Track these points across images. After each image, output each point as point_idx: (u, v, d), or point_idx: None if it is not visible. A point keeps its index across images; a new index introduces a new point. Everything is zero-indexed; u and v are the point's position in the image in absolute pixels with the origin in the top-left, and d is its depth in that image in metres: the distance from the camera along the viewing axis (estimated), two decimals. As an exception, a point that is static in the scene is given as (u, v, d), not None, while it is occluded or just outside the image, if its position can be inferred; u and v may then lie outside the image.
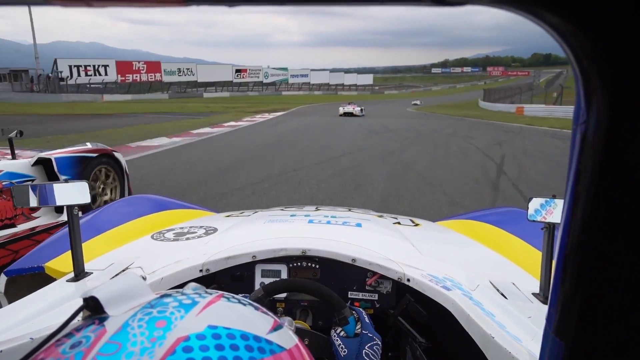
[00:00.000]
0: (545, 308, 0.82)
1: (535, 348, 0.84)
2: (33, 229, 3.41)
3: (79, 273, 1.22)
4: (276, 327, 0.48)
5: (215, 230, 1.57)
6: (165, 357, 0.39)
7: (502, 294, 1.14)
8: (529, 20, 0.26)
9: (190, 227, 1.66)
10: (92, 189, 4.19)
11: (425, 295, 1.06)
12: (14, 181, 3.49)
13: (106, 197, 4.48)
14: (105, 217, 1.89)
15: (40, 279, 1.42)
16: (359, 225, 1.56)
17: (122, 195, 4.64)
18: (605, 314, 0.28)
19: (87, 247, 1.32)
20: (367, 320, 0.97)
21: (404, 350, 1.11)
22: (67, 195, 1.18)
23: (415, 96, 62.04)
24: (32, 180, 3.72)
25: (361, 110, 26.80)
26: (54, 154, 3.82)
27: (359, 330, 0.94)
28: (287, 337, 0.48)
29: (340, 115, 26.36)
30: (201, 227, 1.64)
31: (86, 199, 1.20)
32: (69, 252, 1.21)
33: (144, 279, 0.49)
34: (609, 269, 0.27)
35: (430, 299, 1.04)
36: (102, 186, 4.43)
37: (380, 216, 1.97)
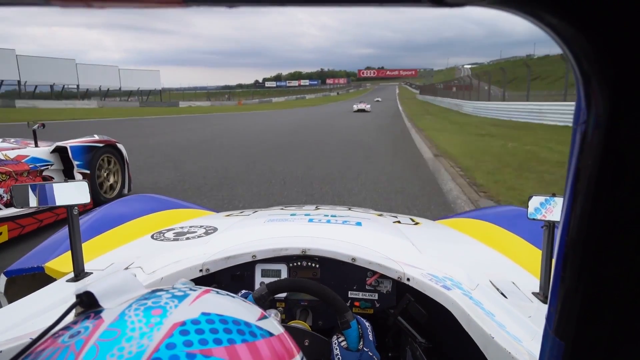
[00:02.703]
0: (545, 307, 0.82)
1: (536, 348, 0.84)
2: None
3: (79, 273, 1.21)
4: (263, 317, 0.51)
5: (215, 229, 1.57)
6: (164, 340, 0.41)
7: (502, 293, 1.14)
8: (528, 21, 0.26)
9: (190, 226, 1.66)
10: (97, 173, 4.85)
11: (425, 294, 1.05)
12: (37, 164, 4.26)
13: (110, 182, 5.10)
14: (105, 217, 1.89)
15: (40, 279, 1.42)
16: (359, 224, 1.56)
17: (123, 180, 5.25)
18: (606, 313, 0.28)
19: (87, 247, 1.32)
20: (371, 338, 0.95)
21: (404, 350, 1.11)
22: (67, 195, 1.18)
23: (252, 108, 40.11)
24: (51, 165, 4.41)
25: (370, 107, 34.59)
26: (69, 143, 4.51)
27: (361, 346, 0.93)
28: (273, 326, 0.51)
29: (354, 111, 30.32)
30: (201, 226, 1.64)
31: (86, 199, 1.20)
32: (69, 252, 1.21)
33: (134, 275, 0.51)
34: (608, 268, 0.27)
35: (431, 298, 1.04)
36: (106, 172, 5.05)
37: (380, 215, 1.97)
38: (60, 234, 1.75)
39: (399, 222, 1.81)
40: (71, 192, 1.18)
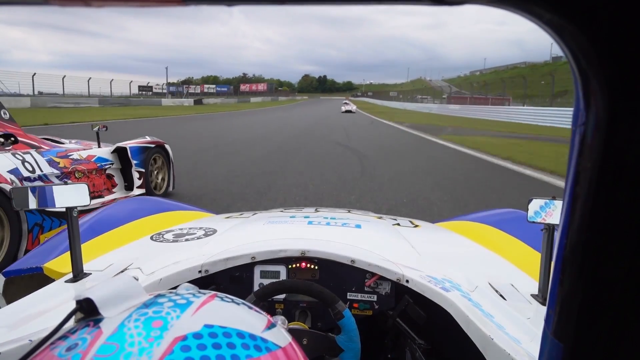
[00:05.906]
0: (544, 309, 0.82)
1: (535, 349, 0.84)
2: (113, 199, 4.37)
3: (78, 274, 1.21)
4: (270, 326, 0.49)
5: (214, 231, 1.57)
6: (164, 357, 0.39)
7: (501, 295, 1.14)
8: (527, 19, 0.26)
9: (190, 228, 1.66)
10: (149, 172, 5.23)
11: (424, 296, 1.05)
12: (102, 163, 4.61)
13: (158, 179, 5.51)
14: (105, 218, 1.89)
15: (38, 279, 1.42)
16: (358, 226, 1.56)
17: (169, 178, 5.64)
18: (604, 316, 0.28)
19: (86, 248, 1.32)
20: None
21: (403, 351, 1.11)
22: (66, 197, 1.18)
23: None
24: (112, 164, 4.74)
25: (355, 108, 38.19)
26: (128, 144, 4.94)
27: None
28: (281, 336, 0.49)
29: (342, 112, 33.30)
30: (200, 228, 1.64)
31: (85, 201, 1.20)
32: (68, 253, 1.21)
33: (136, 279, 0.49)
34: (607, 270, 0.27)
35: (429, 300, 1.04)
36: (156, 171, 5.45)
37: (380, 217, 1.97)
38: (59, 235, 1.75)
39: (398, 224, 1.81)
40: (71, 194, 1.18)
